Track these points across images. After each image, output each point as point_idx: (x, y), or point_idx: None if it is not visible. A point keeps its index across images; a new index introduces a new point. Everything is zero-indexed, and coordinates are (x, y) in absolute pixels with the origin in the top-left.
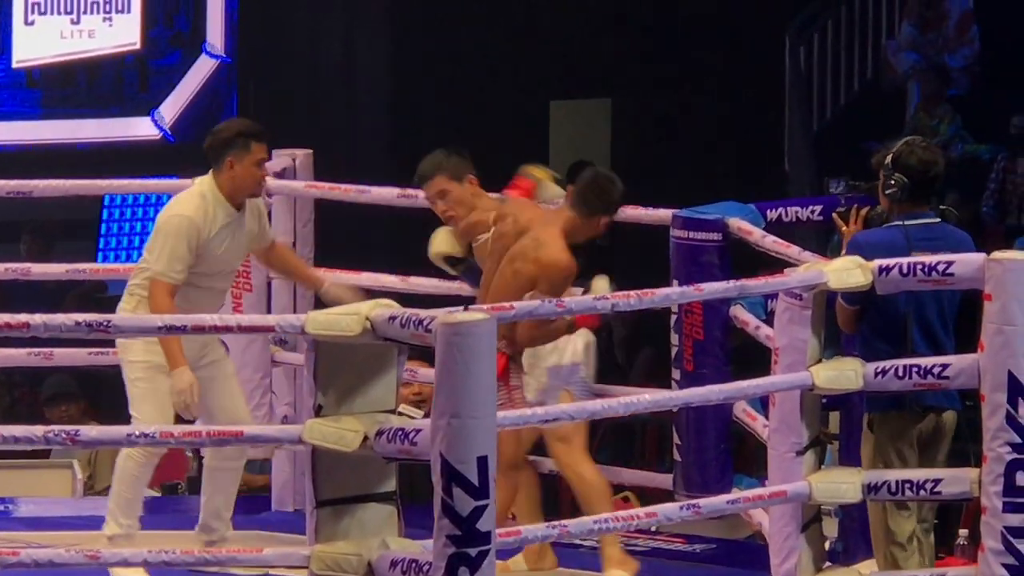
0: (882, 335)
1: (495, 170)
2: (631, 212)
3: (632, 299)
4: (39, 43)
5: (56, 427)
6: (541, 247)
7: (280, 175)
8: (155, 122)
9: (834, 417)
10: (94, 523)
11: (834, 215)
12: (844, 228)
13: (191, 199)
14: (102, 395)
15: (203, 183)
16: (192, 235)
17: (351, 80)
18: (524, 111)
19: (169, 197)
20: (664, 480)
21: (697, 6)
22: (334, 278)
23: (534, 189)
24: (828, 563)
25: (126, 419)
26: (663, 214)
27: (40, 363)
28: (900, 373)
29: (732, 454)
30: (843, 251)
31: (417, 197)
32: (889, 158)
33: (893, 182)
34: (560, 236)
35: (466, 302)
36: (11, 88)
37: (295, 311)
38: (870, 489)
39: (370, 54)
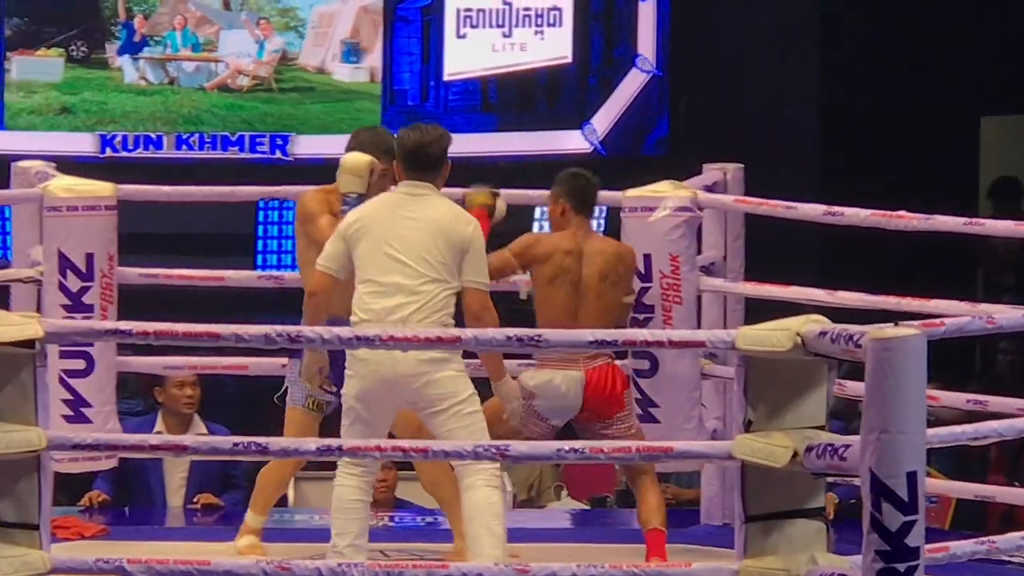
0: None
1: (922, 185)
2: None
3: None
4: (471, 56)
5: (486, 443)
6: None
7: (710, 189)
8: (586, 136)
9: None
10: (528, 535)
11: None
12: None
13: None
14: None
15: (437, 192)
16: None
17: (780, 96)
18: (954, 127)
19: (603, 210)
20: None
21: None
22: (763, 291)
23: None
24: None
25: None
26: None
27: (471, 373)
28: None
29: None
30: None
31: (843, 215)
32: None
33: None
34: None
35: (895, 317)
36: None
37: (725, 325)
38: None
39: (799, 70)
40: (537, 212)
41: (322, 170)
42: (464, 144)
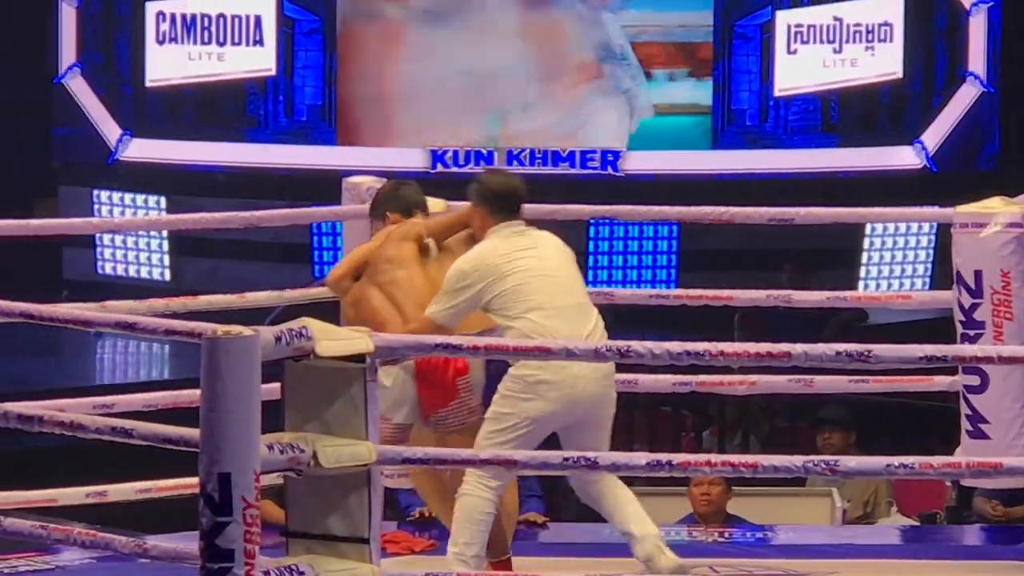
0: None
1: None
2: None
3: None
4: (801, 72)
5: (816, 457)
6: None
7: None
8: (917, 151)
9: None
10: (858, 551)
11: None
12: None
13: None
14: (873, 426)
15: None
16: None
17: None
18: None
19: (933, 226)
20: None
21: None
22: None
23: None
24: None
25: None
26: None
27: (800, 390)
28: None
29: None
30: None
31: None
32: None
33: None
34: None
35: None
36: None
37: None
38: None
39: None
40: (868, 228)
41: (652, 186)
42: (795, 160)
